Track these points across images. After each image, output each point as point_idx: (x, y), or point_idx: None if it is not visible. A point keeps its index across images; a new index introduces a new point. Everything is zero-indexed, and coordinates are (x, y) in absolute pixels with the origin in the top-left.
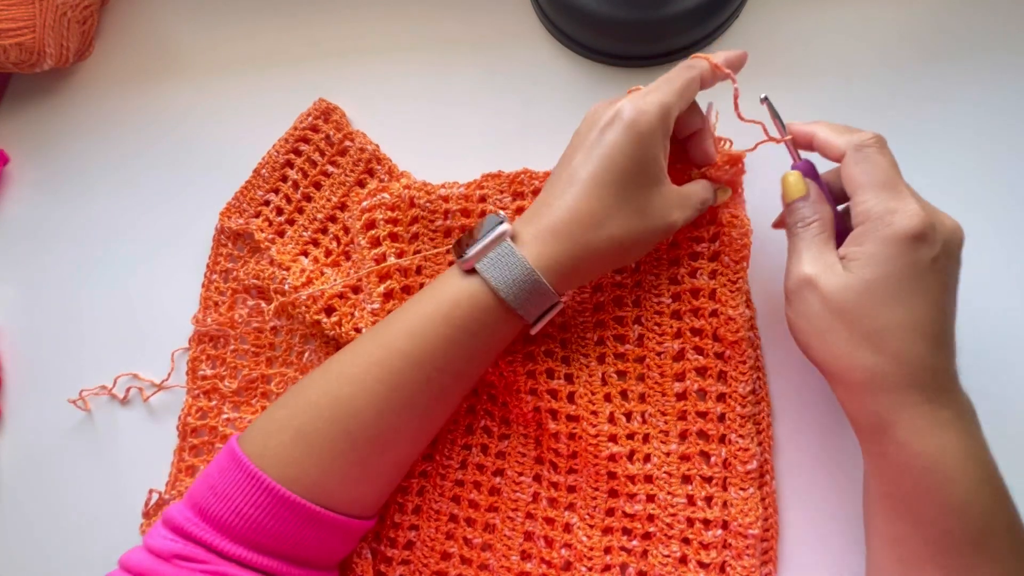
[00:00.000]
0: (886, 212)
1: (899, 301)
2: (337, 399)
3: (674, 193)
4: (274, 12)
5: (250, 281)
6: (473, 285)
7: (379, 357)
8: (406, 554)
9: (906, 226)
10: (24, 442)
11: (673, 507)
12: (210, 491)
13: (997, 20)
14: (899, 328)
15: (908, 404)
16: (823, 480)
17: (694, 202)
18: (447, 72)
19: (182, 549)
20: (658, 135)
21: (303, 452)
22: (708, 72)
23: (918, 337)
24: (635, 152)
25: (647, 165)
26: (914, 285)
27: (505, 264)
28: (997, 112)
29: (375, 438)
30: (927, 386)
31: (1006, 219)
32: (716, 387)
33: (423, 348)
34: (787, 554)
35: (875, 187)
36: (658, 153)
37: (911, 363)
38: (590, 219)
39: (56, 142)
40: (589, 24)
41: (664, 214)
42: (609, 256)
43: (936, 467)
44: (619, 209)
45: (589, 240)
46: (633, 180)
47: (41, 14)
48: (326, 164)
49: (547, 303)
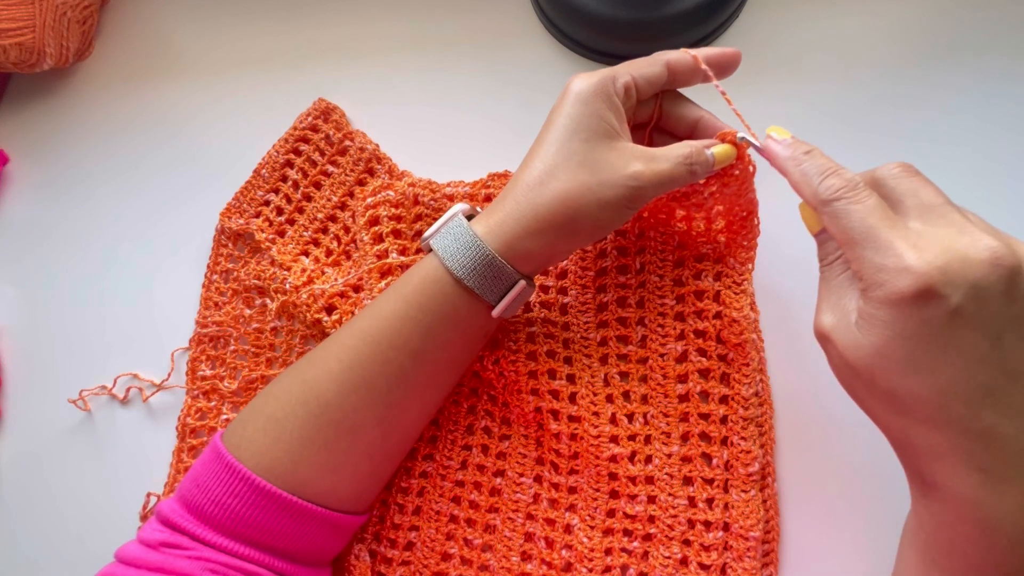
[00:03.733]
0: (873, 271)
1: (918, 366)
2: (304, 382)
3: (635, 149)
4: (274, 12)
5: (251, 281)
6: (427, 261)
7: (342, 338)
8: (406, 555)
9: (897, 286)
10: (24, 442)
11: (674, 509)
12: (193, 483)
13: (997, 20)
14: (924, 394)
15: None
16: (825, 482)
17: (672, 157)
18: (447, 72)
19: (169, 538)
20: (599, 95)
21: (274, 439)
22: (685, 64)
23: (951, 401)
24: (573, 110)
25: (589, 120)
26: (932, 347)
27: (453, 236)
28: (997, 112)
29: (339, 422)
30: (974, 455)
31: (1007, 218)
32: (719, 389)
33: (378, 326)
34: (788, 556)
35: (853, 245)
36: (603, 112)
37: (945, 430)
38: (531, 180)
39: (56, 142)
40: (589, 24)
41: (620, 166)
42: (562, 218)
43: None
44: (563, 166)
45: (533, 200)
46: (574, 135)
47: (41, 14)
48: (326, 164)
49: (505, 281)
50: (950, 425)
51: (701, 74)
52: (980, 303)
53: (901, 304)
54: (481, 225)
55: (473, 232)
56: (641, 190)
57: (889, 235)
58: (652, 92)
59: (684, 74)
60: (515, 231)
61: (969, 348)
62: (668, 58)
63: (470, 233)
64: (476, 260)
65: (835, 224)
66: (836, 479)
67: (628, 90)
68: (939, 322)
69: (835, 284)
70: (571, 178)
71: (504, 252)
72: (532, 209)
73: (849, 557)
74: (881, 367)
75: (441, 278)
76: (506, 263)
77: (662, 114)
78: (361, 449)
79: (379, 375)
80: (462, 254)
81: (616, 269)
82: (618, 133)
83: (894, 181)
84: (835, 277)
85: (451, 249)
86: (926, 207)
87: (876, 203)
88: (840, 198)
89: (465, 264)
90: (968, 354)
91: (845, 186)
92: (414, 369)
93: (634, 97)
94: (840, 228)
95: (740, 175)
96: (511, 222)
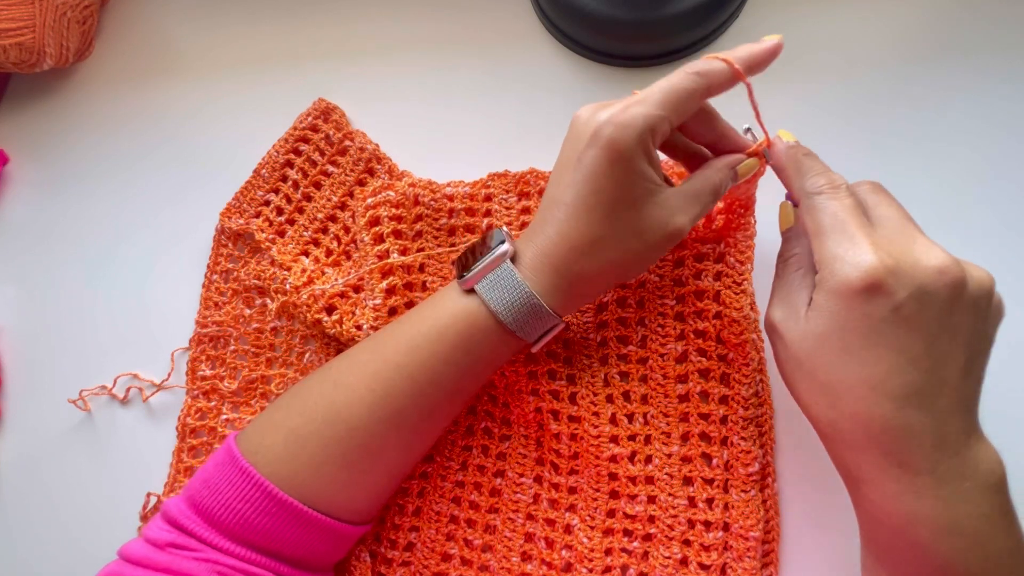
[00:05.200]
0: (831, 260)
1: (852, 356)
2: (331, 405)
3: (674, 197)
4: (274, 12)
5: (251, 281)
6: (471, 305)
7: (374, 368)
8: (406, 556)
9: (849, 276)
10: (24, 442)
11: (674, 509)
12: (204, 485)
13: (997, 21)
14: (855, 386)
15: (873, 465)
16: (825, 482)
17: (705, 193)
18: (447, 72)
19: (176, 538)
20: (639, 152)
21: (295, 453)
22: (722, 76)
23: (879, 396)
24: (615, 173)
25: (632, 183)
26: (868, 340)
27: (504, 287)
28: (997, 112)
29: (365, 446)
30: (893, 449)
31: (1006, 219)
32: (719, 389)
33: (417, 363)
34: (788, 556)
35: (820, 235)
36: (643, 168)
37: (869, 424)
38: (581, 246)
39: (56, 142)
40: (589, 24)
41: (663, 224)
42: (611, 276)
43: (908, 532)
44: (611, 233)
45: (583, 267)
46: (620, 201)
47: (41, 14)
48: (326, 164)
49: (548, 324)
50: (874, 420)
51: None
52: (922, 305)
53: (849, 294)
54: (531, 276)
55: (528, 290)
56: (682, 234)
57: (855, 231)
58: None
59: (720, 87)
60: (568, 291)
61: (904, 346)
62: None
63: (525, 290)
64: (527, 311)
65: (811, 216)
66: (836, 479)
67: (664, 136)
68: (880, 317)
69: (788, 280)
70: (620, 245)
71: (551, 303)
72: (582, 276)
73: (849, 557)
74: (821, 357)
75: (489, 327)
76: (552, 312)
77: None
78: (381, 470)
79: (412, 407)
80: (516, 309)
81: None
82: (658, 185)
83: (864, 195)
84: (790, 274)
85: (504, 302)
86: (888, 218)
87: (853, 204)
88: (822, 192)
89: (518, 318)
90: (902, 352)
91: (829, 184)
92: (447, 403)
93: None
94: (814, 220)
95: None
96: (564, 284)
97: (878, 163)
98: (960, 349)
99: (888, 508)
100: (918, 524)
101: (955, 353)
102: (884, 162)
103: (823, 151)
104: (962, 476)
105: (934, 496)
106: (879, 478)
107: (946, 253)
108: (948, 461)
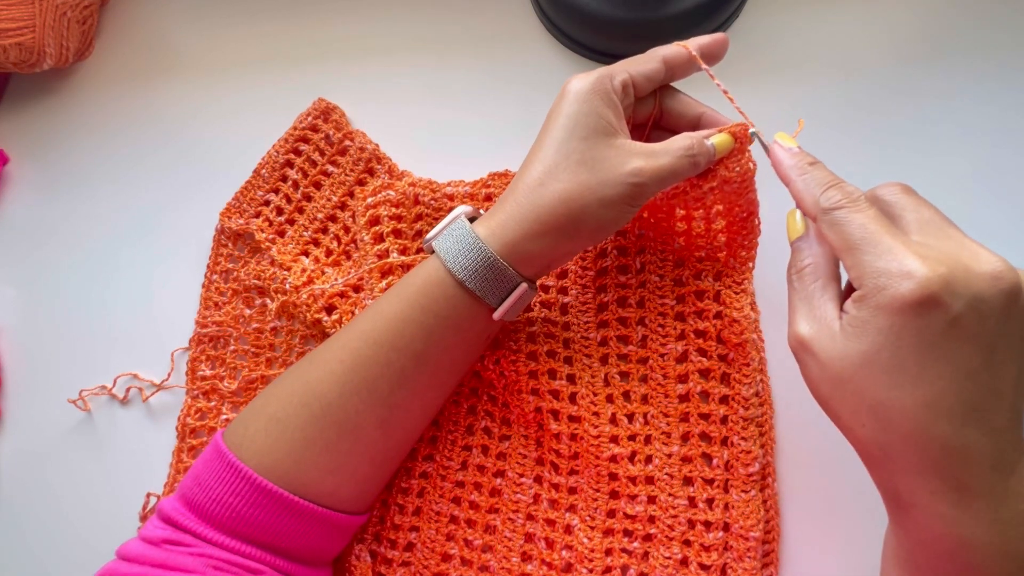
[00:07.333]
0: (875, 274)
1: (905, 375)
2: (306, 383)
3: (634, 145)
4: (274, 12)
5: (251, 281)
6: (429, 262)
7: (344, 339)
8: (406, 556)
9: (900, 290)
10: (24, 442)
11: (674, 509)
12: (195, 482)
13: (997, 20)
14: (911, 406)
15: (927, 489)
16: (825, 483)
17: (673, 150)
18: (447, 72)
19: (171, 535)
20: (597, 93)
21: (276, 439)
22: (680, 57)
23: (936, 416)
24: (571, 109)
25: (587, 119)
26: (925, 357)
27: (455, 239)
28: (997, 112)
29: (341, 423)
30: (951, 472)
31: (1006, 218)
32: (719, 389)
33: (380, 327)
34: (788, 557)
35: (853, 250)
36: (601, 109)
37: (927, 446)
38: (531, 181)
39: (56, 142)
40: (589, 24)
41: (620, 163)
42: (564, 219)
43: (959, 556)
44: (562, 165)
45: (533, 201)
46: (572, 134)
47: (41, 14)
48: (326, 164)
49: (507, 284)
50: (932, 441)
51: (696, 65)
52: (979, 316)
53: (902, 310)
54: (483, 227)
55: (475, 234)
56: (642, 186)
57: (891, 241)
58: (650, 88)
59: (680, 67)
60: (516, 233)
61: (962, 361)
62: (663, 53)
63: (472, 235)
64: (478, 262)
65: (834, 231)
66: (836, 479)
67: (626, 87)
68: (936, 331)
69: (808, 292)
70: (571, 178)
71: (506, 254)
72: (533, 211)
73: (849, 557)
74: (868, 377)
75: (443, 280)
76: (508, 265)
77: (663, 112)
78: (362, 451)
79: (381, 377)
80: (464, 256)
81: (616, 269)
82: (617, 131)
83: (893, 197)
84: (807, 286)
85: (453, 251)
86: (926, 221)
87: (877, 213)
88: (841, 207)
89: (467, 266)
90: (959, 367)
91: (846, 197)
92: (416, 371)
93: (632, 94)
94: (840, 235)
95: (740, 173)
96: (512, 224)
97: (878, 163)
98: (1013, 359)
99: (939, 531)
100: (972, 549)
101: (1009, 364)
102: (884, 162)
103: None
104: (1018, 497)
105: (990, 520)
106: (931, 501)
107: (996, 256)
108: (1004, 482)
